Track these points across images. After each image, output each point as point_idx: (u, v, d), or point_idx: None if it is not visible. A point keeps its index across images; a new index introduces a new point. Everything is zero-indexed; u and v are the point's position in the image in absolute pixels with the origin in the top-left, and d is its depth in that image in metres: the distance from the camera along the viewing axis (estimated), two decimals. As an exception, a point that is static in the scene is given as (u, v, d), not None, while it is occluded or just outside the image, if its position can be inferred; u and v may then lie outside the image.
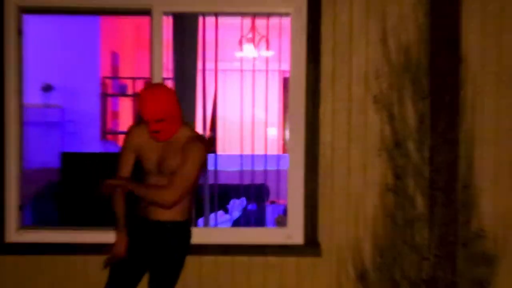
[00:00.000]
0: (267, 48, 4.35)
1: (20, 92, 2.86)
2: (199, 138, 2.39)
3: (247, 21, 3.92)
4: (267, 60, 4.12)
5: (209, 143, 2.53)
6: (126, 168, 2.38)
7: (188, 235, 2.45)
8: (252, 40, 4.33)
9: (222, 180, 3.68)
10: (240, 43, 4.43)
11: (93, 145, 4.70)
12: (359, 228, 2.85)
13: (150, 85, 2.45)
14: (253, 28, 4.03)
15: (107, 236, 2.62)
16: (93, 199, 2.59)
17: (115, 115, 5.89)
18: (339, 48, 2.85)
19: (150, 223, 2.36)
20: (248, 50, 4.80)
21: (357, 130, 2.85)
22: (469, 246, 2.79)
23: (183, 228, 2.42)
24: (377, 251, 2.83)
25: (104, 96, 4.91)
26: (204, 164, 2.49)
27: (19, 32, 2.85)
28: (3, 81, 2.80)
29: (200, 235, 2.72)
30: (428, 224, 2.79)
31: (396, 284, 2.80)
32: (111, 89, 5.13)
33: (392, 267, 2.80)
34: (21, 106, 2.87)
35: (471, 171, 2.80)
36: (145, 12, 2.86)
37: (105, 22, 4.79)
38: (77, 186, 3.17)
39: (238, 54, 4.74)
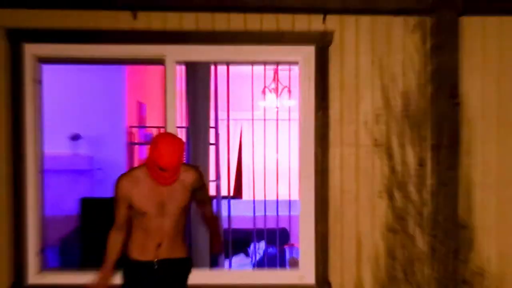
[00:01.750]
0: (290, 97, 4.47)
1: (39, 141, 2.94)
2: (191, 166, 2.58)
3: (270, 72, 4.03)
4: (289, 109, 4.26)
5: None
6: (121, 220, 2.43)
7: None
8: (276, 91, 4.46)
9: (245, 224, 3.81)
10: (264, 92, 4.54)
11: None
12: (365, 268, 2.97)
13: (166, 135, 2.53)
14: (275, 78, 4.15)
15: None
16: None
17: (142, 162, 5.92)
18: (346, 95, 2.97)
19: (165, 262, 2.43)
20: (271, 100, 4.92)
21: (364, 174, 2.98)
22: (469, 284, 2.92)
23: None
24: (380, 288, 2.95)
25: (130, 144, 5.02)
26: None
27: (37, 81, 2.94)
28: (22, 130, 2.88)
29: (220, 276, 2.83)
30: (429, 262, 2.91)
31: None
32: (138, 138, 5.26)
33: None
34: (40, 154, 2.94)
35: (470, 212, 2.94)
36: (159, 61, 2.96)
37: (132, 72, 4.91)
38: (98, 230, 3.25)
39: (262, 104, 4.88)
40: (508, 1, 2.90)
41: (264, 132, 4.10)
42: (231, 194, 2.72)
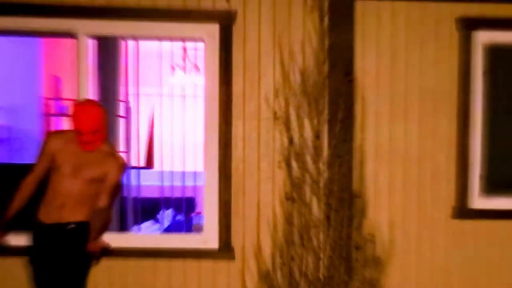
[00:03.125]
0: (197, 74, 4.66)
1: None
2: (118, 155, 2.69)
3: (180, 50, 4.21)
4: (195, 86, 4.49)
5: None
6: (40, 169, 2.66)
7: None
8: (183, 68, 4.67)
9: (153, 193, 4.07)
10: (172, 68, 4.74)
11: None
12: (265, 233, 3.17)
13: (84, 101, 2.75)
14: (184, 56, 4.34)
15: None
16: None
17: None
18: (249, 71, 3.15)
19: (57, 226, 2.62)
20: (180, 76, 5.08)
21: (264, 145, 3.17)
22: (361, 250, 3.15)
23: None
24: (278, 253, 3.15)
25: (46, 116, 5.24)
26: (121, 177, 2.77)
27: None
28: None
29: (129, 240, 3.00)
30: (324, 229, 3.13)
31: (295, 282, 3.14)
32: (53, 110, 5.51)
33: (291, 267, 3.14)
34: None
35: (363, 183, 3.17)
36: (72, 35, 3.09)
37: (48, 47, 5.07)
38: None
39: (171, 80, 5.09)
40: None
41: (172, 107, 4.28)
42: (142, 164, 2.90)
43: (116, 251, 2.94)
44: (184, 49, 4.26)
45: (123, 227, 3.59)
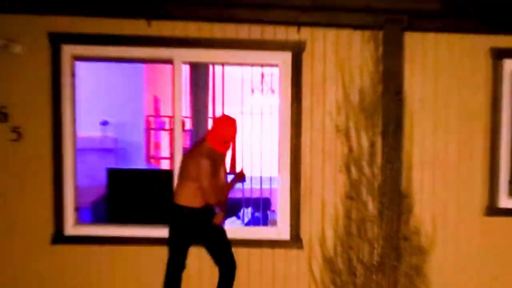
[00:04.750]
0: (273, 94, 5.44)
1: (73, 123, 3.69)
2: None
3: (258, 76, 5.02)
4: (270, 106, 5.29)
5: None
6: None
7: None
8: (261, 91, 5.41)
9: (236, 194, 4.85)
10: (252, 91, 5.48)
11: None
12: (328, 226, 3.79)
13: (226, 115, 3.43)
14: (262, 80, 5.04)
15: (143, 232, 3.50)
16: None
17: (157, 145, 7.54)
18: (315, 91, 3.77)
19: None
20: (258, 97, 5.94)
21: (328, 153, 3.79)
22: (408, 240, 3.76)
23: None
24: (339, 242, 3.76)
25: (148, 130, 6.11)
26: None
27: (73, 75, 3.68)
28: (60, 115, 3.64)
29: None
30: (377, 223, 3.73)
31: (353, 267, 3.75)
32: (153, 125, 6.41)
33: (350, 255, 3.75)
34: (74, 135, 3.70)
35: (410, 185, 3.78)
36: (169, 62, 3.73)
37: (148, 72, 5.96)
38: (120, 194, 4.06)
39: (251, 100, 5.90)
40: (440, 20, 3.71)
41: (251, 123, 5.00)
42: (227, 170, 3.53)
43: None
44: (262, 75, 4.93)
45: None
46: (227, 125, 3.19)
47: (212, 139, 3.20)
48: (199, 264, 3.73)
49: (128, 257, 3.72)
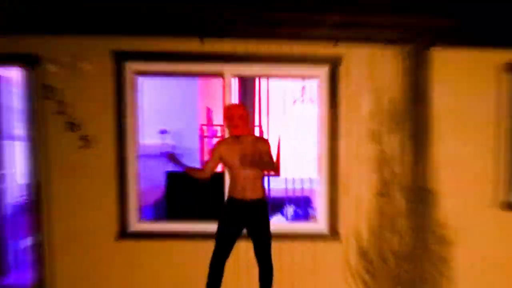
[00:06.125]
0: (312, 103, 5.92)
1: (136, 132, 4.10)
2: (263, 137, 3.82)
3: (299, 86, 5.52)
4: (310, 114, 5.71)
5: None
6: (210, 166, 3.73)
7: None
8: (302, 101, 5.87)
9: (280, 194, 5.38)
10: (294, 101, 5.95)
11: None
12: (363, 221, 4.24)
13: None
14: (302, 91, 5.49)
15: (199, 227, 3.93)
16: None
17: (210, 151, 7.91)
18: (351, 100, 4.20)
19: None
20: (299, 107, 6.39)
21: (362, 155, 4.22)
22: (435, 233, 4.21)
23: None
24: (372, 235, 4.21)
25: (202, 137, 6.63)
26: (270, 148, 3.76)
27: (135, 89, 4.09)
28: (124, 125, 4.04)
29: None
30: (407, 217, 4.17)
31: (385, 258, 4.19)
32: (207, 133, 6.91)
33: (382, 246, 4.19)
34: (137, 142, 4.11)
35: (436, 182, 4.23)
36: (219, 75, 4.14)
37: (202, 85, 6.47)
38: (178, 194, 4.51)
39: (292, 110, 6.43)
40: (461, 35, 4.15)
41: (293, 130, 5.53)
42: (272, 173, 4.02)
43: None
44: (303, 87, 5.40)
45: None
46: (227, 108, 3.65)
47: (225, 126, 3.70)
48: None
49: (185, 250, 4.14)
